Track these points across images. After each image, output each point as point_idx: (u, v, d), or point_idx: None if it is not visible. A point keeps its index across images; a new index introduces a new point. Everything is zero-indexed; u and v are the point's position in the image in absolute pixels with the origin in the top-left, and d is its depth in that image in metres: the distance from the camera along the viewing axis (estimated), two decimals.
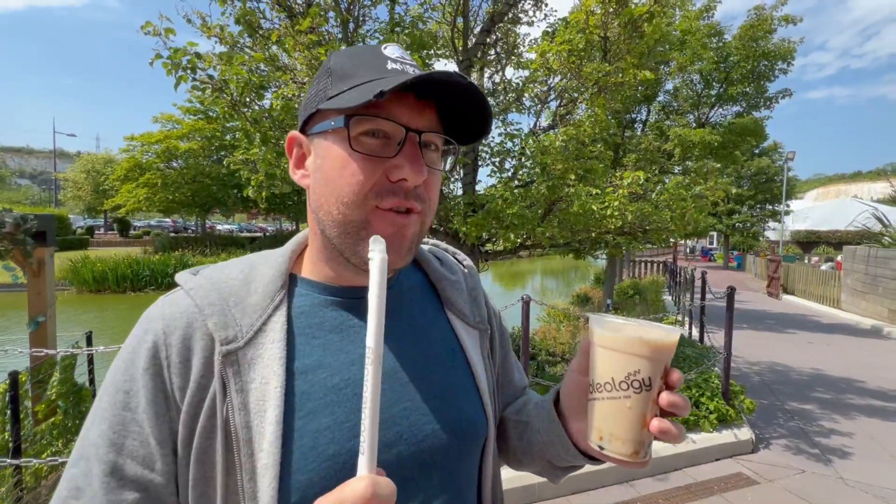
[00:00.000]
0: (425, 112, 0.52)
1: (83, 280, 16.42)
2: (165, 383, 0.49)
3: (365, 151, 0.50)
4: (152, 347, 0.50)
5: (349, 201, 0.51)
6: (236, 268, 0.57)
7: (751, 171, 23.94)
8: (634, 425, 0.47)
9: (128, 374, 0.50)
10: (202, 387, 0.49)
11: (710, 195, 4.08)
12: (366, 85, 0.49)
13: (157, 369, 0.49)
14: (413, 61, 0.55)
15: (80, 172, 32.17)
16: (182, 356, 0.49)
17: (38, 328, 3.42)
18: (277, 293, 0.54)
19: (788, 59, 8.01)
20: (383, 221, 0.51)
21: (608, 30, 3.56)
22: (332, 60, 0.54)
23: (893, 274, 8.88)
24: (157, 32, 2.42)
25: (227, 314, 0.51)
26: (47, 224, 3.50)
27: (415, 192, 0.52)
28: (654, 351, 0.46)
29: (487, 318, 0.70)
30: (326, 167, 0.52)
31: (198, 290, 0.53)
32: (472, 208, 3.53)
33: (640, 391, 0.46)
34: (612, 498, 2.98)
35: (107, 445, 0.48)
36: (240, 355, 0.49)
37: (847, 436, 3.96)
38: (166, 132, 23.23)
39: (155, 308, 0.53)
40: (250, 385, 0.49)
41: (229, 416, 0.47)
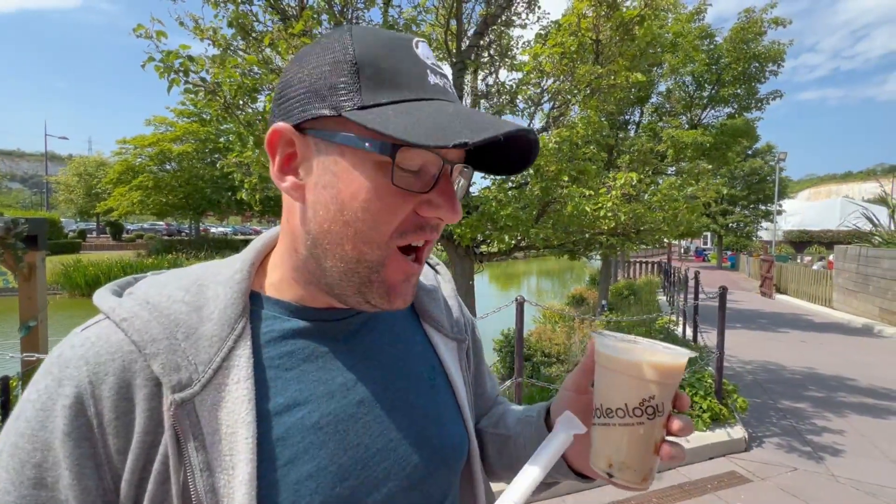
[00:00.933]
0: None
1: (75, 284, 16.28)
2: (97, 448, 0.39)
3: (405, 187, 0.42)
4: (74, 403, 0.38)
5: (373, 239, 0.43)
6: (178, 287, 0.45)
7: (744, 171, 24.19)
8: (647, 452, 0.46)
9: (38, 440, 0.38)
10: (149, 446, 0.39)
11: (701, 196, 4.12)
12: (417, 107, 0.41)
13: (83, 432, 0.38)
14: (441, 67, 0.47)
15: (72, 175, 31.91)
16: (118, 411, 0.39)
17: (30, 333, 3.39)
18: (238, 319, 0.44)
19: (779, 60, 8.11)
20: (396, 266, 0.45)
21: (600, 32, 3.59)
22: (357, 47, 0.42)
23: (884, 273, 9.00)
24: (148, 35, 2.42)
25: (177, 351, 0.41)
26: (38, 228, 3.47)
27: (438, 225, 0.46)
28: (668, 376, 0.45)
29: (464, 328, 0.66)
30: (344, 192, 0.42)
31: (133, 322, 0.41)
32: (467, 210, 3.55)
33: (654, 417, 0.45)
34: (607, 498, 2.99)
35: None
36: (197, 402, 0.40)
37: (838, 433, 4.00)
38: (159, 135, 23.11)
39: (71, 348, 0.41)
40: (214, 438, 0.40)
41: (188, 480, 0.38)
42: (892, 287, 8.72)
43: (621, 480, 0.47)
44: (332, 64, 0.42)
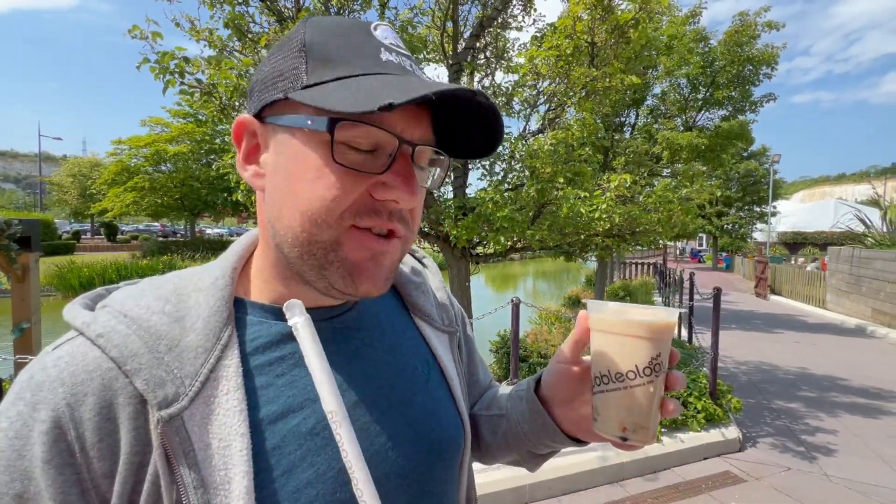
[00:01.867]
0: (421, 121, 0.44)
1: (69, 286, 16.16)
2: (81, 474, 0.36)
3: (349, 164, 0.40)
4: (52, 429, 0.36)
5: (319, 220, 0.41)
6: (156, 297, 0.43)
7: (738, 173, 24.36)
8: (655, 410, 0.48)
9: (15, 470, 0.36)
10: (137, 467, 0.37)
11: (696, 197, 4.15)
12: (360, 81, 0.40)
13: (64, 458, 0.36)
14: (406, 49, 0.46)
15: (67, 176, 31.70)
16: (101, 433, 0.37)
17: (23, 335, 3.36)
18: (224, 328, 0.42)
19: (772, 63, 8.18)
20: (357, 243, 0.42)
21: (595, 35, 3.62)
22: (308, 33, 0.43)
23: (876, 274, 9.08)
24: (144, 36, 2.42)
25: (160, 365, 0.39)
26: (32, 229, 3.45)
27: (399, 213, 0.44)
28: (667, 332, 0.47)
29: (455, 320, 0.65)
30: (293, 173, 0.42)
31: (110, 337, 0.39)
32: (463, 211, 3.56)
33: (660, 374, 0.47)
34: (603, 498, 3.00)
35: None
36: (186, 418, 0.38)
37: (832, 433, 4.03)
38: (155, 135, 23.00)
39: (43, 370, 0.38)
40: (206, 453, 0.38)
41: (182, 499, 0.37)
42: (885, 288, 8.81)
43: (636, 442, 0.48)
44: (286, 52, 0.43)
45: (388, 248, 0.44)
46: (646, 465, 3.32)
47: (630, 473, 3.25)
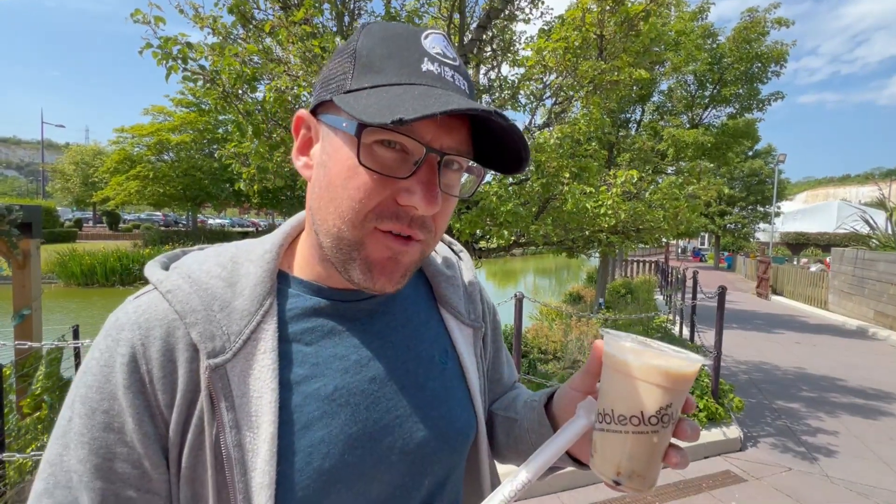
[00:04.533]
0: (454, 129, 0.45)
1: (70, 273, 16.20)
2: (150, 401, 0.44)
3: (375, 168, 0.43)
4: (131, 361, 0.44)
5: (347, 218, 0.45)
6: (216, 263, 0.50)
7: (743, 172, 24.21)
8: (657, 460, 0.45)
9: (104, 391, 0.43)
10: (189, 402, 0.44)
11: (702, 195, 4.11)
12: (391, 91, 0.43)
13: (139, 386, 0.43)
14: (455, 58, 0.48)
15: (69, 164, 31.64)
16: (165, 370, 0.44)
17: (23, 321, 3.36)
18: (267, 296, 0.48)
19: (781, 61, 8.08)
20: (378, 244, 0.46)
21: (604, 27, 3.55)
22: (361, 40, 0.46)
23: (879, 276, 9.03)
24: (146, 21, 2.37)
25: (213, 322, 0.45)
26: (33, 215, 3.43)
27: (421, 219, 0.46)
28: (683, 383, 0.43)
29: (482, 316, 0.67)
30: (331, 169, 0.46)
31: (176, 294, 0.46)
32: (466, 205, 3.52)
33: (668, 426, 0.44)
34: (602, 495, 3.00)
35: (91, 472, 0.42)
36: (228, 368, 0.45)
37: (832, 434, 4.02)
38: (157, 124, 22.94)
39: (125, 314, 0.46)
40: (242, 400, 0.44)
41: (219, 434, 0.43)
42: (888, 290, 8.76)
43: (629, 489, 0.45)
44: (341, 56, 0.48)
45: (407, 249, 0.47)
46: None
47: None
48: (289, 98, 2.71)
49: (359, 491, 0.48)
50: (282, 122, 2.91)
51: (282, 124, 2.96)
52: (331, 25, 3.51)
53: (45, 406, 3.01)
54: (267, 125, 2.86)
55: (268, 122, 2.86)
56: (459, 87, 0.46)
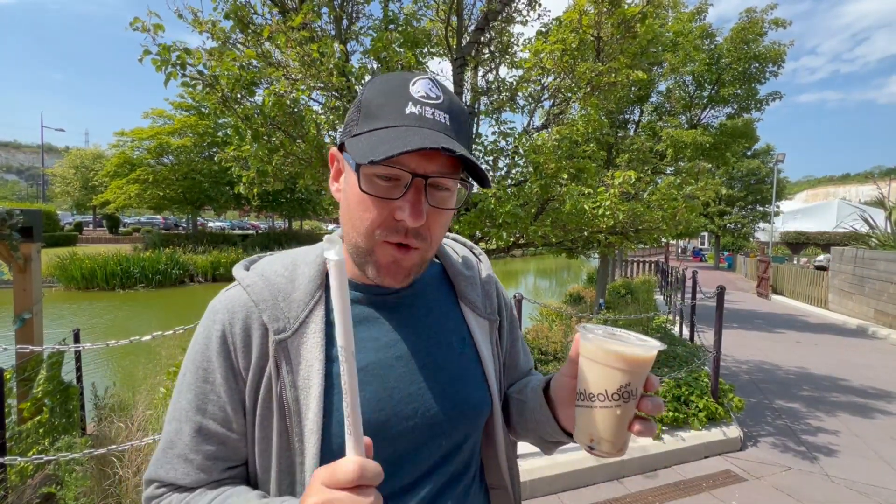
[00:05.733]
0: (434, 158, 0.56)
1: (71, 277, 16.19)
2: (234, 363, 0.61)
3: (374, 193, 0.57)
4: (221, 335, 0.61)
5: (360, 232, 0.60)
6: (282, 265, 0.66)
7: (742, 172, 24.20)
8: (622, 429, 0.54)
9: (205, 355, 0.61)
10: (260, 367, 0.60)
11: (700, 195, 4.12)
12: (380, 133, 0.56)
13: (226, 352, 0.61)
14: (439, 96, 0.59)
15: (69, 168, 31.67)
16: (244, 342, 0.61)
17: (24, 325, 3.36)
18: (317, 290, 0.64)
19: (779, 61, 8.09)
20: (384, 252, 0.60)
21: (601, 30, 3.57)
22: (366, 92, 0.61)
23: (879, 275, 9.03)
24: (145, 29, 2.39)
25: (278, 308, 0.61)
26: (34, 219, 3.44)
27: (415, 230, 0.58)
28: (641, 366, 0.53)
29: (498, 309, 0.79)
30: (348, 194, 0.61)
31: (253, 287, 0.63)
32: (465, 206, 3.53)
33: (629, 400, 0.53)
34: (603, 495, 3.00)
35: (193, 410, 0.61)
36: (289, 343, 0.60)
37: (833, 434, 4.02)
38: (157, 128, 22.93)
39: (220, 302, 0.64)
40: (297, 367, 0.60)
41: (282, 391, 0.59)
42: (888, 289, 8.76)
43: (601, 453, 0.56)
44: (354, 105, 0.62)
45: (406, 256, 0.60)
46: (646, 463, 3.32)
47: (631, 471, 3.25)
48: (287, 102, 2.73)
49: (386, 444, 0.59)
50: (281, 125, 2.92)
51: (281, 128, 2.98)
52: (329, 29, 3.52)
53: (46, 410, 3.01)
54: (266, 129, 2.88)
55: (267, 126, 2.87)
56: (439, 121, 0.58)
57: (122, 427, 3.32)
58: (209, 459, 0.60)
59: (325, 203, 16.31)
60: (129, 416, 3.44)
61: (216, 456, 0.61)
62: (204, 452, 0.60)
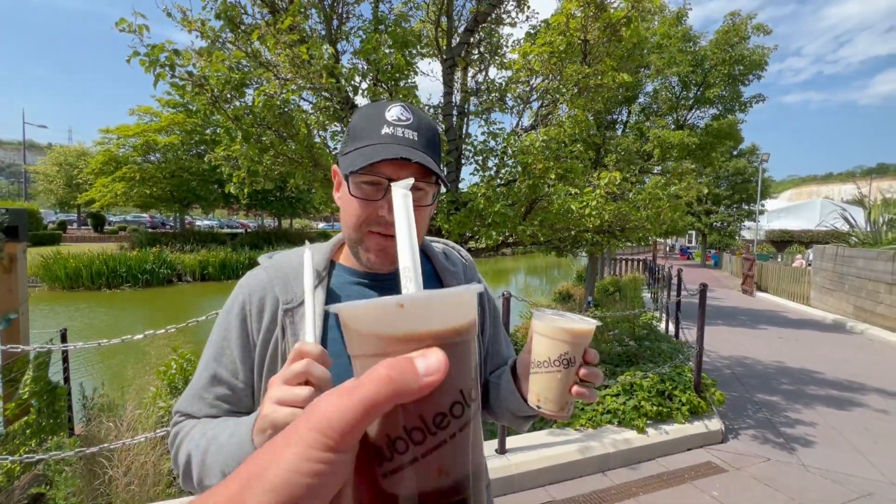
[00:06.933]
0: (407, 165, 0.72)
1: (55, 277, 15.89)
2: (248, 326, 0.77)
3: (361, 196, 0.73)
4: (241, 303, 0.78)
5: (351, 227, 0.76)
6: (295, 254, 0.83)
7: (728, 171, 24.60)
8: (563, 391, 0.65)
9: (228, 318, 0.78)
10: (270, 330, 0.76)
11: (684, 195, 4.22)
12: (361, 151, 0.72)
13: (243, 317, 0.77)
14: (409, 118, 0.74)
15: (52, 165, 30.97)
16: (259, 310, 0.77)
17: (10, 325, 3.33)
18: (322, 272, 0.80)
19: (762, 65, 8.27)
20: (372, 241, 0.76)
21: (588, 33, 3.64)
22: (353, 118, 0.78)
23: (858, 272, 9.29)
24: (132, 30, 2.38)
25: (288, 285, 0.78)
26: (19, 218, 3.41)
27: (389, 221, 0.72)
28: (577, 337, 0.63)
29: (480, 302, 0.90)
30: (343, 200, 0.77)
31: (269, 269, 0.81)
32: (455, 206, 3.58)
33: (569, 367, 0.64)
34: (588, 487, 3.08)
35: (212, 359, 0.78)
36: (294, 312, 0.76)
37: (810, 425, 4.16)
38: (144, 125, 22.57)
39: (246, 278, 0.82)
40: (299, 331, 0.75)
41: (286, 349, 0.74)
42: (866, 286, 9.02)
43: (545, 410, 0.67)
44: (346, 130, 0.80)
45: (391, 243, 0.73)
46: (631, 456, 3.41)
47: (615, 464, 3.34)
48: (277, 102, 2.74)
49: None
50: (271, 125, 2.94)
51: (271, 128, 2.99)
52: (320, 30, 3.54)
53: (33, 410, 2.99)
54: (256, 129, 2.89)
55: (257, 127, 2.88)
56: (408, 138, 0.73)
57: (111, 427, 3.31)
58: (218, 400, 0.77)
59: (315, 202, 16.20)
60: (119, 416, 3.43)
61: (223, 399, 0.77)
62: (214, 394, 0.77)
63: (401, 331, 0.26)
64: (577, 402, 3.82)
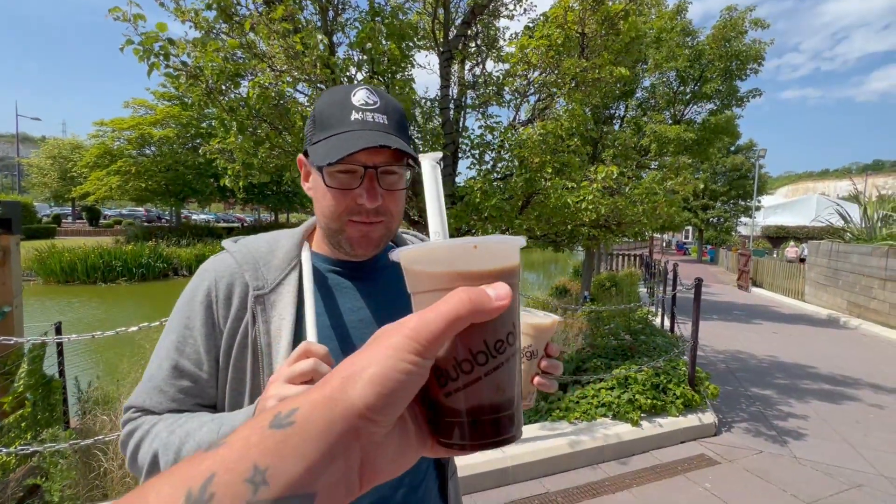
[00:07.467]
0: (380, 151, 0.71)
1: (50, 271, 15.80)
2: (214, 314, 0.73)
3: (336, 186, 0.72)
4: (206, 289, 0.74)
5: (330, 218, 0.74)
6: (264, 240, 0.80)
7: (725, 167, 24.66)
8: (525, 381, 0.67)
9: (190, 304, 0.74)
10: (239, 317, 0.73)
11: (680, 190, 4.22)
12: (331, 140, 0.70)
13: (208, 303, 0.73)
14: (376, 101, 0.72)
15: (46, 158, 30.70)
16: (226, 296, 0.73)
17: (4, 318, 3.31)
18: (294, 259, 0.77)
19: (759, 59, 8.27)
20: (354, 229, 0.74)
21: (586, 26, 3.62)
22: (317, 105, 0.75)
23: (853, 268, 9.36)
24: (126, 18, 2.35)
25: (258, 270, 0.75)
26: (13, 211, 3.38)
27: (375, 209, 0.73)
28: (540, 332, 0.65)
29: None
30: (316, 191, 0.76)
31: (238, 253, 0.76)
32: (452, 200, 3.58)
33: (531, 359, 0.65)
34: (582, 479, 3.11)
35: (173, 349, 0.73)
36: (265, 298, 0.73)
37: (802, 418, 4.21)
38: (139, 118, 22.36)
39: (209, 263, 0.78)
40: (271, 318, 0.72)
41: (257, 337, 0.71)
42: (860, 281, 9.09)
43: None
44: (310, 118, 0.76)
45: (372, 228, 0.75)
46: (624, 449, 3.44)
47: (609, 456, 3.37)
48: (272, 94, 2.72)
49: None
50: (266, 117, 2.91)
51: (266, 120, 2.97)
52: (315, 20, 3.50)
53: (28, 404, 2.99)
54: (251, 121, 2.87)
55: (252, 119, 2.86)
56: (378, 122, 0.72)
57: (106, 420, 3.31)
58: (181, 393, 0.72)
59: None
60: (114, 409, 3.43)
61: (187, 391, 0.72)
62: (177, 386, 0.72)
63: (474, 268, 0.31)
64: (572, 397, 3.85)
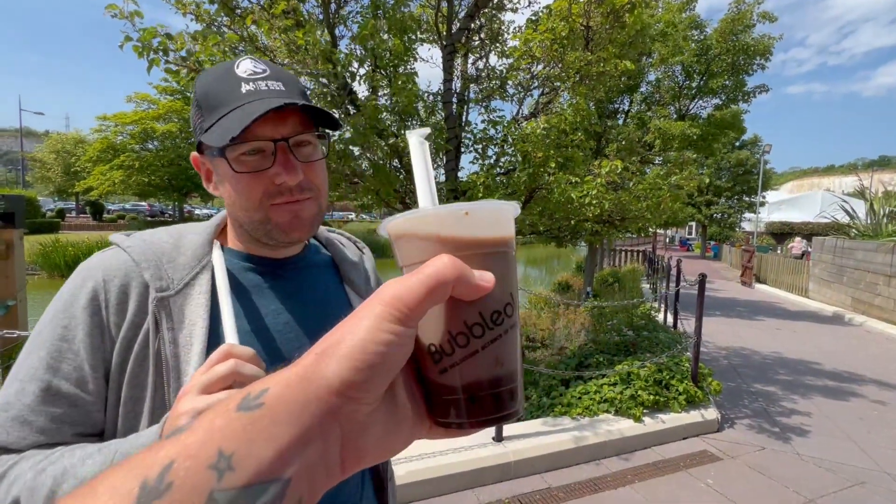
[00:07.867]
0: (286, 119, 0.62)
1: (54, 264, 15.89)
2: (103, 320, 0.60)
3: (247, 170, 0.62)
4: (92, 291, 0.60)
5: (249, 208, 0.64)
6: (165, 233, 0.69)
7: (730, 163, 24.49)
8: None
9: (67, 312, 0.59)
10: (136, 324, 0.60)
11: (684, 185, 4.19)
12: (228, 118, 0.60)
13: (95, 308, 0.60)
14: (264, 69, 0.64)
15: (49, 153, 30.80)
16: (119, 299, 0.60)
17: (8, 312, 3.33)
18: (204, 256, 0.66)
19: (767, 54, 8.17)
20: (280, 213, 0.64)
21: (591, 19, 3.58)
22: (198, 90, 0.65)
23: (857, 264, 9.29)
24: (123, 15, 2.33)
25: (161, 269, 0.63)
26: (16, 205, 3.38)
27: (298, 186, 0.64)
28: None
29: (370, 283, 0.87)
30: (225, 185, 0.65)
31: (134, 248, 0.64)
32: (454, 195, 3.56)
33: None
34: (585, 475, 3.11)
35: (43, 368, 0.57)
36: (171, 301, 0.61)
37: (805, 415, 4.19)
38: (141, 112, 22.38)
39: (93, 260, 0.64)
40: (180, 325, 0.61)
41: (161, 347, 0.59)
42: (865, 278, 9.03)
43: None
44: (192, 108, 0.67)
45: (301, 206, 0.65)
46: (627, 444, 3.44)
47: (611, 452, 3.37)
48: None
49: None
50: None
51: None
52: (318, 14, 3.48)
53: None
54: None
55: None
56: (274, 89, 0.63)
57: None
58: (54, 422, 0.56)
59: None
60: None
61: (63, 419, 0.56)
62: (48, 414, 0.56)
63: (466, 234, 0.29)
64: (575, 393, 3.84)
